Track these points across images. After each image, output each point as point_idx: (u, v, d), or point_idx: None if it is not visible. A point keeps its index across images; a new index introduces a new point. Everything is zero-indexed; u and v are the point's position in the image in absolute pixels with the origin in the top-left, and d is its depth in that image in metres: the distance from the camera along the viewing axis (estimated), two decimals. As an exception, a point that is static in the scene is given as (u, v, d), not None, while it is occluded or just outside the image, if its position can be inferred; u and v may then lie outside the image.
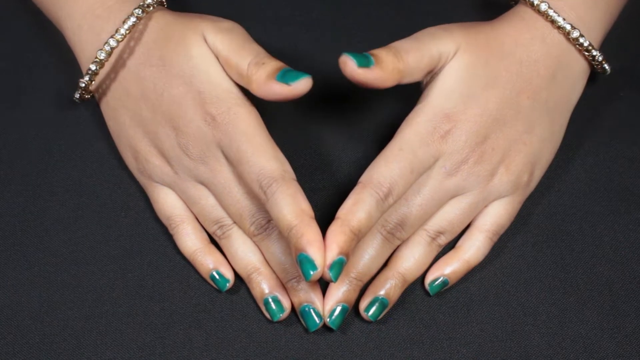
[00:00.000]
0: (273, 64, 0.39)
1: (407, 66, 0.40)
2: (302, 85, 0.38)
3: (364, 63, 0.38)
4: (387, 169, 0.39)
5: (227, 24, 0.42)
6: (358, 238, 0.38)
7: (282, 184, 0.38)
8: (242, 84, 0.40)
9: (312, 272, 0.36)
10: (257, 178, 0.38)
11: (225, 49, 0.40)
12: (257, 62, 0.39)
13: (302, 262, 0.36)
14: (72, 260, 0.43)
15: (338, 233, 0.37)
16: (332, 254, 0.36)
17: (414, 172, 0.39)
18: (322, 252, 0.36)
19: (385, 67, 0.39)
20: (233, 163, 0.40)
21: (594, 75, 0.48)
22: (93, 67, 0.41)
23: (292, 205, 0.37)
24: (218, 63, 0.41)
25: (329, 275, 0.36)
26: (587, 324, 0.41)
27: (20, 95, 0.49)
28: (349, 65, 0.38)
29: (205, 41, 0.41)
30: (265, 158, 0.39)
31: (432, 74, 0.41)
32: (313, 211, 0.38)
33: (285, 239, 0.38)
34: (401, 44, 0.40)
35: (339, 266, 0.36)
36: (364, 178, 0.39)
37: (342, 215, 0.38)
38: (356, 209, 0.38)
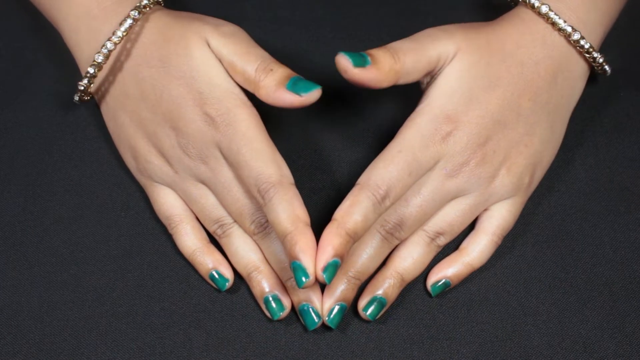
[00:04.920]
0: (282, 71, 0.39)
1: (404, 67, 0.39)
2: (313, 96, 0.39)
3: (360, 63, 0.38)
4: (385, 171, 0.39)
5: (230, 27, 0.42)
6: (354, 240, 0.38)
7: (279, 189, 0.38)
8: (248, 89, 0.40)
9: (304, 280, 0.36)
10: (255, 182, 0.38)
11: (230, 53, 0.40)
12: (265, 68, 0.40)
13: (296, 269, 0.37)
14: (72, 260, 0.43)
15: (333, 235, 0.37)
16: (327, 256, 0.37)
17: (412, 174, 0.39)
18: (314, 260, 0.37)
19: (381, 68, 0.39)
20: (232, 165, 0.40)
21: (594, 76, 0.48)
22: (91, 70, 0.41)
23: (288, 211, 0.37)
24: (220, 65, 0.41)
25: (322, 277, 0.37)
26: (587, 324, 0.41)
27: (20, 95, 0.49)
28: (344, 64, 0.38)
29: (208, 45, 0.41)
30: (263, 162, 0.39)
31: (430, 75, 0.41)
32: (309, 216, 0.38)
33: (282, 243, 0.38)
34: (399, 45, 0.40)
35: (333, 268, 0.37)
36: (361, 179, 0.39)
37: (338, 217, 0.38)
38: (352, 211, 0.38)
